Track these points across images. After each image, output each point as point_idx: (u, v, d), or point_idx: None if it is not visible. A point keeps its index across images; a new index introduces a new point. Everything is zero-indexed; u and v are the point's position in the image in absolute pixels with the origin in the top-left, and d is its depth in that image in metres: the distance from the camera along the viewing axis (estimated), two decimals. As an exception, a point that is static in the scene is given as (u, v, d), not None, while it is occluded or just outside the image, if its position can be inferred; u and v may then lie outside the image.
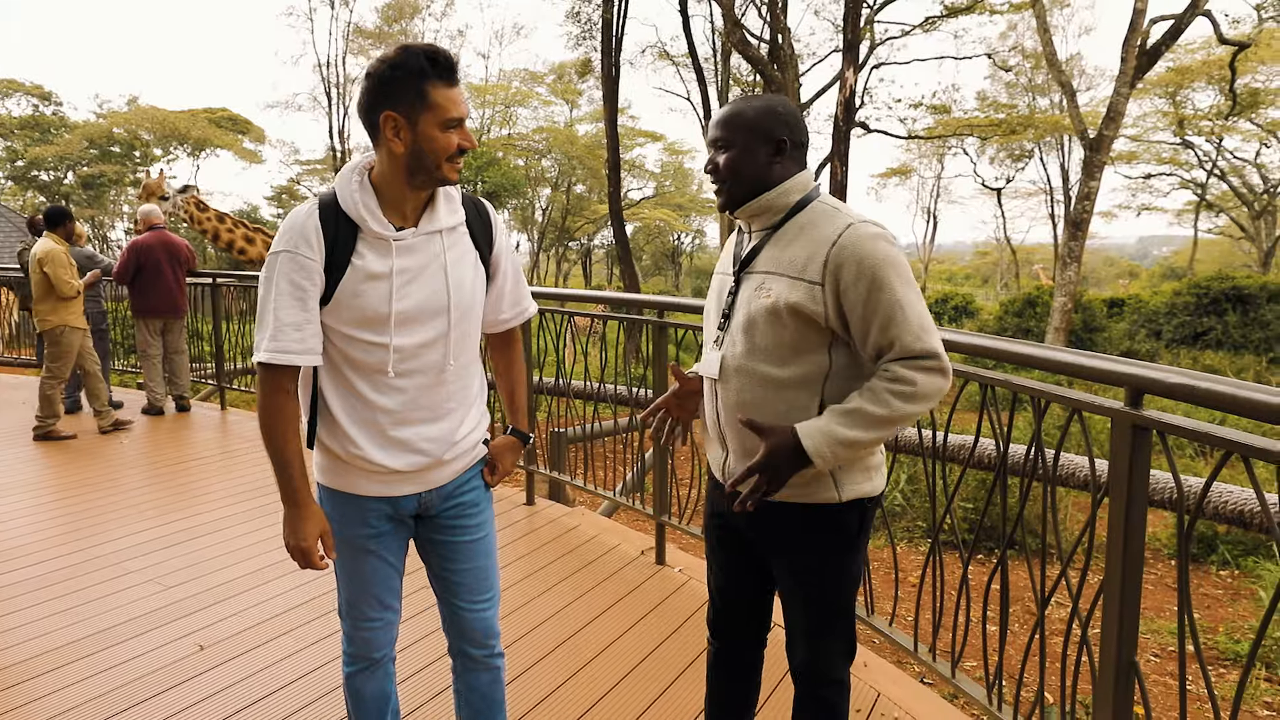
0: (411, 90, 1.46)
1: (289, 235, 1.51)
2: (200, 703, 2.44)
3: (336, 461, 1.62)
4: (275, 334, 1.50)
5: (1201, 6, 12.73)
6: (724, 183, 1.57)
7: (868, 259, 1.42)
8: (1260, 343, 16.87)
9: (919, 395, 1.43)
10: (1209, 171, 29.89)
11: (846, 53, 12.55)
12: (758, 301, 1.52)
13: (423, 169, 1.51)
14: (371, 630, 1.71)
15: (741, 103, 1.58)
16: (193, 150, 32.29)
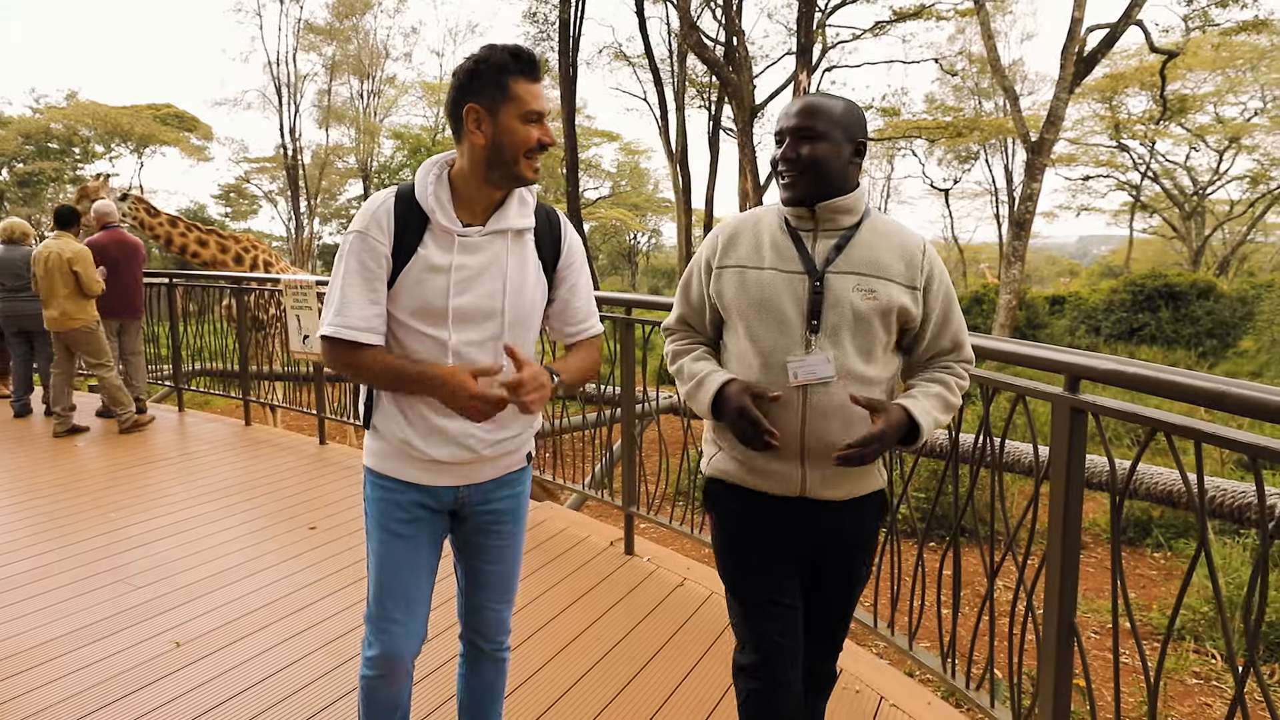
0: (494, 83, 1.50)
1: (364, 217, 1.56)
2: (174, 700, 2.46)
3: (385, 445, 1.65)
4: (340, 309, 1.54)
5: (1134, 16, 13.30)
6: (803, 175, 1.55)
7: (944, 274, 1.61)
8: (1191, 337, 17.67)
9: (965, 389, 1.65)
10: (1143, 174, 31.12)
11: (800, 56, 12.81)
12: (864, 302, 1.53)
13: (501, 162, 1.53)
14: (394, 635, 1.67)
15: (825, 98, 1.57)
16: (136, 148, 31.32)
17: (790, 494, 1.60)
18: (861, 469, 1.59)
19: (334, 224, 37.33)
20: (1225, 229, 31.76)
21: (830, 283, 1.54)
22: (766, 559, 1.65)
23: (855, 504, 1.64)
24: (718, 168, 20.77)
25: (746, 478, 1.64)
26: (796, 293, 1.55)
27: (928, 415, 1.55)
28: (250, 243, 8.80)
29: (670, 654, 2.76)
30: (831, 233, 1.58)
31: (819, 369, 1.52)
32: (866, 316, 1.52)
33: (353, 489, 4.59)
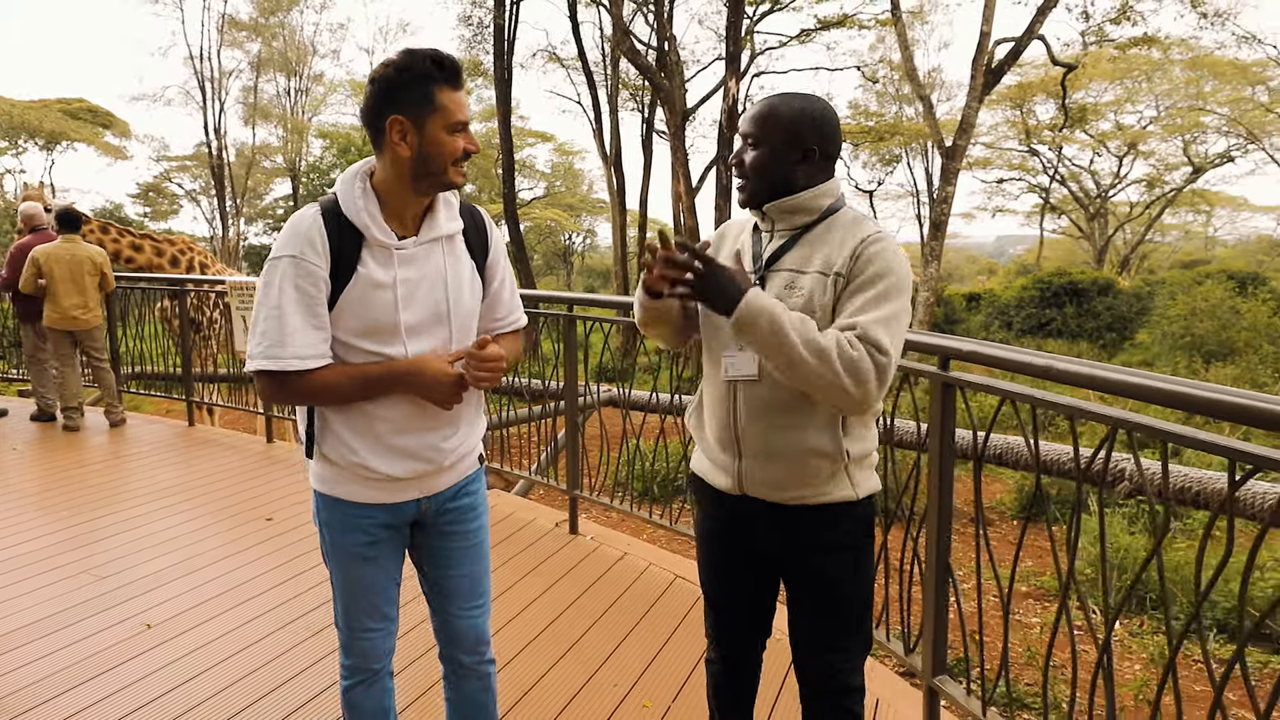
0: (418, 94, 1.46)
1: (293, 240, 1.49)
2: (147, 677, 2.63)
3: (334, 469, 1.61)
4: (281, 340, 1.47)
5: (1036, 31, 14.24)
6: (747, 180, 1.57)
7: (879, 259, 1.46)
8: (1093, 331, 18.94)
9: (856, 368, 1.39)
10: (1051, 177, 32.90)
11: (729, 63, 13.29)
12: (790, 299, 1.51)
13: (428, 173, 1.51)
14: (370, 639, 1.68)
15: (778, 100, 1.56)
16: (45, 144, 29.91)
17: (734, 490, 1.61)
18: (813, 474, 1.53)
19: (260, 224, 36.36)
20: (1126, 229, 33.79)
21: (767, 280, 1.55)
22: (728, 556, 1.69)
23: (809, 513, 1.56)
24: (651, 170, 21.19)
25: (707, 473, 1.67)
26: None
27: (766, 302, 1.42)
28: (185, 245, 8.74)
29: (612, 617, 3.07)
30: (784, 232, 1.58)
31: (744, 367, 1.55)
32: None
33: (304, 484, 4.76)
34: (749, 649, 1.77)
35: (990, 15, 14.06)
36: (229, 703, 2.48)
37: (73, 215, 6.02)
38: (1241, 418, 1.45)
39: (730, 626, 1.75)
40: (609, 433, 4.41)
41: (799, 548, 1.59)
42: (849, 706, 1.64)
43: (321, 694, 2.53)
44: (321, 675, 2.64)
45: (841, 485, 1.56)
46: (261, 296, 1.50)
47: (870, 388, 1.40)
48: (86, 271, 5.83)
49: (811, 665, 1.65)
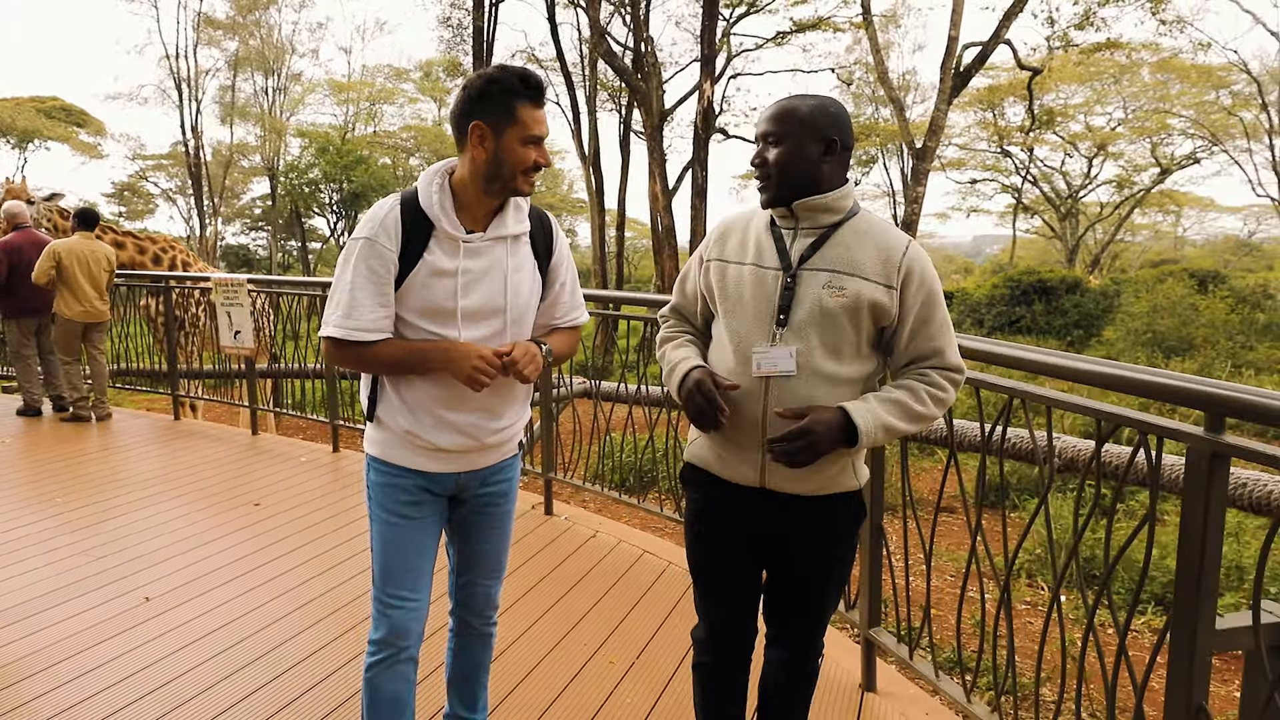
0: (501, 105, 1.61)
1: (371, 224, 1.65)
2: (146, 644, 2.82)
3: (388, 434, 1.76)
4: (349, 312, 1.64)
5: (1002, 36, 14.63)
6: (769, 178, 1.59)
7: (928, 274, 1.55)
8: (1061, 328, 19.40)
9: (944, 401, 1.56)
10: (1023, 178, 33.51)
11: (704, 66, 13.55)
12: (831, 300, 1.53)
13: (499, 178, 1.65)
14: (402, 609, 1.76)
15: (795, 99, 1.59)
16: (18, 143, 29.58)
17: (752, 484, 1.62)
18: (832, 465, 1.58)
19: (237, 223, 36.14)
20: (1097, 229, 34.49)
21: (801, 279, 1.56)
22: (724, 543, 1.71)
23: (822, 503, 1.62)
24: (629, 170, 21.41)
25: (715, 464, 1.68)
26: (769, 288, 1.58)
27: (870, 416, 1.50)
28: (167, 244, 8.84)
29: (585, 587, 3.31)
30: (811, 231, 1.59)
31: (781, 362, 1.54)
32: (834, 313, 1.53)
33: (289, 472, 4.94)
34: (743, 647, 1.78)
35: (958, 20, 14.42)
36: (227, 665, 2.68)
37: (91, 214, 6.33)
38: (1110, 385, 1.71)
39: (727, 624, 1.76)
40: (582, 426, 4.63)
41: (803, 535, 1.64)
42: (812, 670, 1.78)
43: (312, 656, 2.74)
44: (313, 640, 2.85)
45: (848, 477, 1.63)
46: (339, 272, 1.69)
47: (953, 401, 1.59)
48: (102, 268, 6.13)
49: (788, 636, 1.74)
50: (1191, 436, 1.48)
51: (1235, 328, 15.37)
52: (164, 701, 2.46)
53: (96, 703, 2.46)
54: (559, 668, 2.68)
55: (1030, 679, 3.41)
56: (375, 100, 34.01)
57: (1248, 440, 1.44)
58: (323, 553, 3.66)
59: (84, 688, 2.54)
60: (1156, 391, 1.58)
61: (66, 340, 6.15)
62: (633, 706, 2.46)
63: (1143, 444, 1.62)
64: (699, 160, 14.01)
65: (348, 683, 2.56)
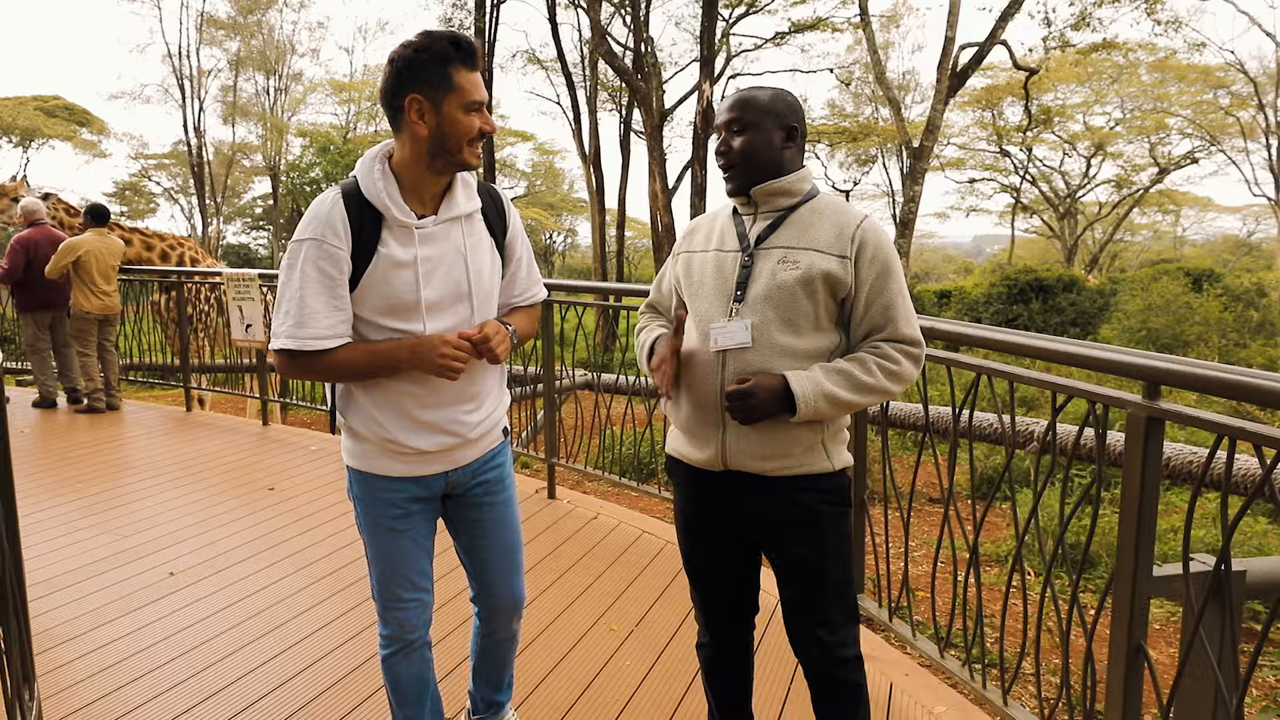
0: (436, 73, 1.50)
1: (315, 224, 1.53)
2: (172, 614, 3.00)
3: (364, 444, 1.67)
4: (302, 320, 1.52)
5: (998, 37, 14.81)
6: (734, 165, 1.62)
7: (883, 247, 1.57)
8: (1057, 326, 19.57)
9: (899, 375, 1.56)
10: (1022, 177, 33.67)
11: (704, 67, 13.72)
12: (785, 273, 1.56)
13: (444, 151, 1.54)
14: (404, 611, 1.74)
15: (753, 89, 1.63)
16: (20, 141, 29.77)
17: (716, 466, 1.63)
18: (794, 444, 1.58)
19: (238, 222, 36.34)
20: (1097, 229, 34.64)
21: (758, 257, 1.60)
22: (709, 537, 1.73)
23: (792, 484, 1.61)
24: (629, 169, 21.59)
25: (685, 450, 1.69)
26: (728, 269, 1.63)
27: (809, 384, 1.51)
28: (175, 240, 9.01)
29: (587, 563, 3.48)
30: (769, 214, 1.63)
31: (736, 335, 1.57)
32: (789, 286, 1.55)
33: (300, 460, 5.11)
34: (738, 628, 1.80)
35: (955, 21, 14.60)
36: (248, 633, 2.86)
37: (103, 210, 6.56)
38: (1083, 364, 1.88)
39: (716, 606, 1.78)
40: (584, 418, 4.80)
41: (778, 519, 1.63)
42: (845, 677, 1.67)
43: (327, 627, 2.91)
44: (327, 613, 3.02)
45: (818, 457, 1.61)
46: (285, 278, 1.56)
47: (911, 379, 1.58)
48: (113, 264, 6.37)
49: (802, 639, 1.68)
50: (1131, 403, 1.65)
51: (1229, 325, 15.54)
52: (192, 664, 2.63)
53: (131, 664, 2.63)
54: (562, 636, 2.85)
55: (1000, 640, 3.58)
56: (376, 100, 34.18)
57: (1179, 405, 1.61)
58: (335, 534, 3.83)
59: (119, 651, 2.72)
60: (1102, 365, 1.75)
61: (83, 333, 6.33)
62: (631, 669, 2.63)
63: (1091, 411, 1.79)
64: (698, 160, 14.19)
65: (358, 650, 2.73)
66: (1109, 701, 1.73)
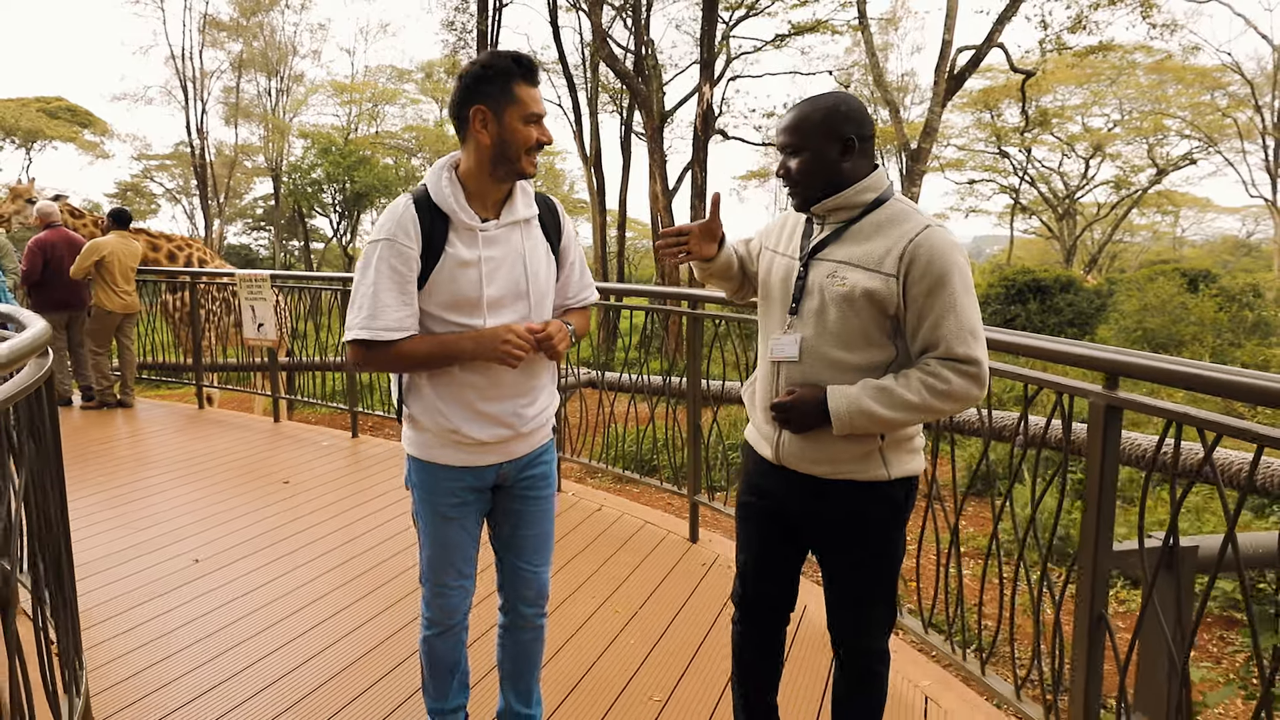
0: (499, 87, 1.66)
1: (389, 224, 1.69)
2: (200, 597, 3.17)
3: (426, 435, 1.80)
4: (375, 313, 1.67)
5: (995, 40, 14.97)
6: (797, 185, 1.65)
7: (938, 260, 1.51)
8: (1055, 326, 19.71)
9: (949, 394, 1.51)
10: (1021, 178, 33.83)
11: (703, 70, 13.89)
12: (833, 289, 1.58)
13: (505, 159, 1.70)
14: (450, 595, 1.88)
15: (808, 105, 1.64)
16: (23, 142, 29.94)
17: (773, 460, 1.71)
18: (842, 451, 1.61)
19: (239, 223, 36.48)
20: (1095, 229, 34.79)
21: (811, 268, 1.64)
22: (759, 519, 1.80)
23: (843, 488, 1.64)
24: (630, 171, 21.76)
25: (752, 439, 1.81)
26: (788, 277, 1.69)
27: (844, 400, 1.55)
28: (183, 241, 9.17)
29: (592, 551, 3.64)
30: (834, 224, 1.66)
31: (788, 349, 1.64)
32: (837, 302, 1.58)
33: (312, 455, 5.27)
34: (771, 616, 1.86)
35: (952, 24, 14.76)
36: (271, 615, 3.02)
37: (125, 214, 6.82)
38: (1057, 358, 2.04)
39: (755, 592, 1.84)
40: (588, 417, 4.96)
41: (827, 520, 1.67)
42: (869, 665, 1.76)
43: (345, 610, 3.07)
44: (345, 597, 3.18)
45: (874, 465, 1.62)
46: (360, 276, 1.72)
47: (971, 397, 1.53)
48: (133, 265, 6.61)
49: (839, 631, 1.75)
50: (1093, 393, 1.81)
51: (1223, 325, 15.70)
52: (222, 642, 2.80)
53: (164, 642, 2.79)
54: (568, 619, 3.01)
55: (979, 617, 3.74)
56: (377, 101, 34.35)
57: (1137, 395, 1.77)
58: (350, 524, 3.99)
59: (153, 630, 2.88)
60: (1066, 358, 1.91)
61: (102, 332, 6.50)
62: (633, 648, 2.79)
63: (1058, 402, 1.95)
64: (698, 161, 14.35)
65: (376, 630, 2.89)
66: (1074, 665, 1.88)
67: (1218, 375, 1.60)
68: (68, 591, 2.20)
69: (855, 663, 1.77)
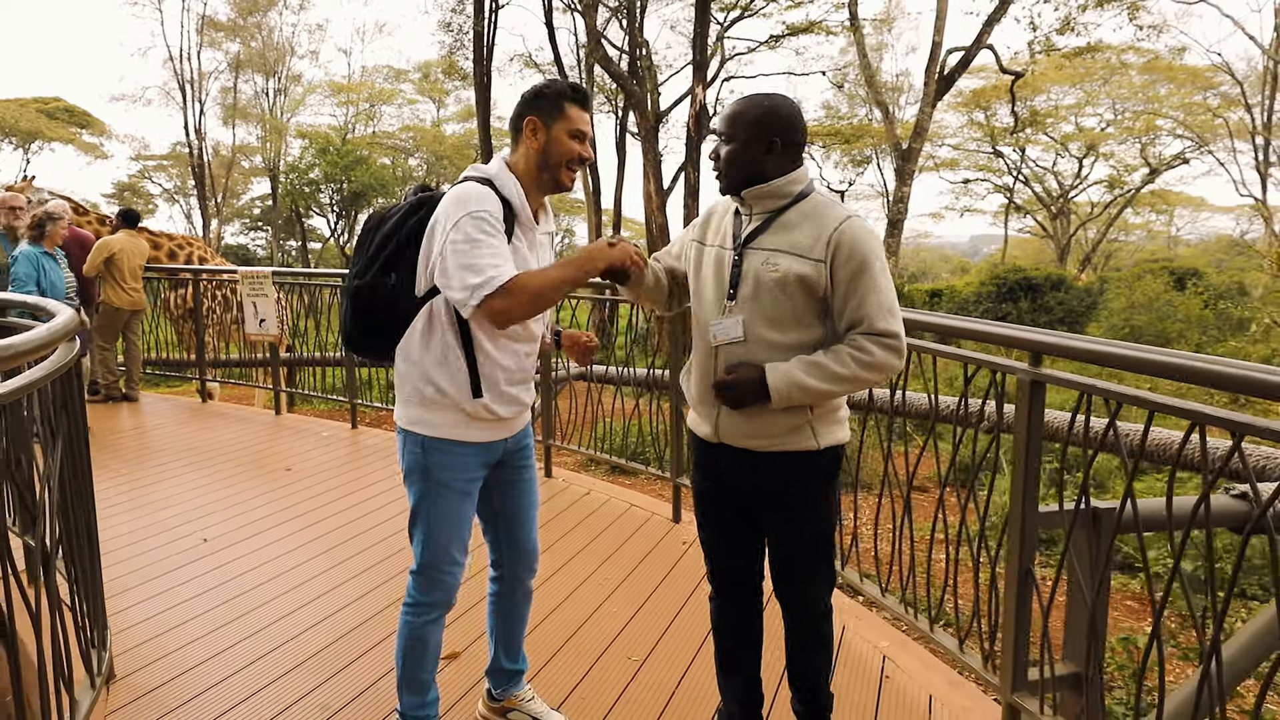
0: (552, 103, 1.86)
1: (479, 201, 1.78)
2: (209, 573, 3.37)
3: (456, 414, 1.90)
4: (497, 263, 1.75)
5: (984, 42, 15.21)
6: (721, 171, 1.82)
7: (860, 247, 1.69)
8: (1045, 324, 19.95)
9: (873, 364, 1.69)
10: (1015, 178, 34.08)
11: (696, 71, 14.10)
12: (768, 274, 1.73)
13: (548, 168, 1.87)
14: (452, 574, 1.98)
15: (748, 102, 1.79)
16: (22, 143, 30.08)
17: (712, 439, 1.86)
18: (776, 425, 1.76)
19: (236, 223, 36.64)
20: (1090, 228, 35.03)
21: (746, 257, 1.77)
22: (712, 502, 1.95)
23: (776, 459, 1.79)
24: (625, 171, 21.98)
25: (693, 424, 1.94)
26: (723, 266, 1.82)
27: (781, 376, 1.69)
28: (184, 240, 9.36)
29: (580, 532, 3.84)
30: (761, 214, 1.79)
31: (731, 330, 1.77)
32: (770, 287, 1.72)
33: (313, 445, 5.47)
34: (742, 585, 1.99)
35: (942, 25, 15.00)
36: (278, 588, 3.22)
37: (133, 214, 7.06)
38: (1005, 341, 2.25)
39: (721, 567, 2.00)
40: (578, 411, 5.17)
41: (766, 490, 1.82)
42: (817, 629, 1.93)
43: (344, 584, 3.28)
44: (345, 572, 3.39)
45: (804, 437, 1.77)
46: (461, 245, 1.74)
47: (892, 366, 1.71)
48: (140, 263, 6.84)
49: (784, 593, 1.90)
50: (1020, 370, 2.02)
51: (1210, 322, 15.94)
52: (233, 610, 3.00)
53: (179, 611, 3.00)
54: (555, 592, 3.21)
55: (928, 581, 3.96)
56: (375, 101, 34.53)
57: (1058, 371, 1.98)
58: (349, 508, 4.19)
59: (169, 600, 3.09)
60: (997, 339, 2.13)
61: (109, 328, 6.70)
62: (617, 616, 3.00)
63: (993, 380, 2.16)
64: (692, 162, 14.57)
65: (369, 604, 3.10)
66: (1005, 616, 2.10)
67: (1125, 352, 1.81)
68: (93, 560, 2.40)
69: (802, 623, 1.92)
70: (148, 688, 2.48)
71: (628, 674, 2.59)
